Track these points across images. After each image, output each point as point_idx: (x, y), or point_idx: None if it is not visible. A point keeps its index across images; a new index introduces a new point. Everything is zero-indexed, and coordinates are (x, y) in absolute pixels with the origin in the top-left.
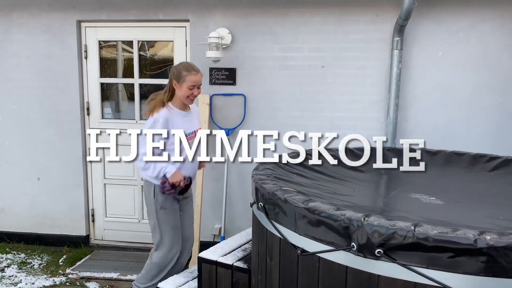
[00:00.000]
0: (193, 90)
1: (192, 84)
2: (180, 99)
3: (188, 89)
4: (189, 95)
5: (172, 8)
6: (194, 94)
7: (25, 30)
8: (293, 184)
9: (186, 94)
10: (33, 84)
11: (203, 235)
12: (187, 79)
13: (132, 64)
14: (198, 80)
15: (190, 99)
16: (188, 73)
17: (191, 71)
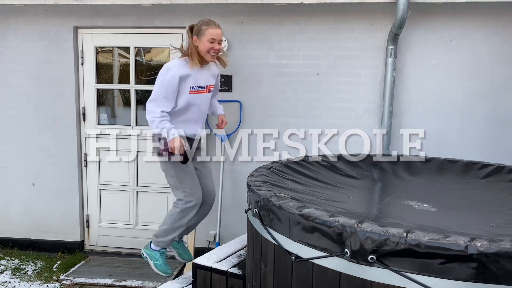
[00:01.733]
0: (213, 44)
1: (212, 37)
2: (202, 54)
3: (209, 42)
4: (209, 49)
5: (169, 15)
6: (215, 48)
7: (21, 36)
8: (288, 191)
9: (207, 47)
10: (29, 90)
11: (198, 241)
12: (207, 33)
13: (128, 69)
14: (218, 33)
15: (211, 54)
16: (207, 27)
17: (210, 24)
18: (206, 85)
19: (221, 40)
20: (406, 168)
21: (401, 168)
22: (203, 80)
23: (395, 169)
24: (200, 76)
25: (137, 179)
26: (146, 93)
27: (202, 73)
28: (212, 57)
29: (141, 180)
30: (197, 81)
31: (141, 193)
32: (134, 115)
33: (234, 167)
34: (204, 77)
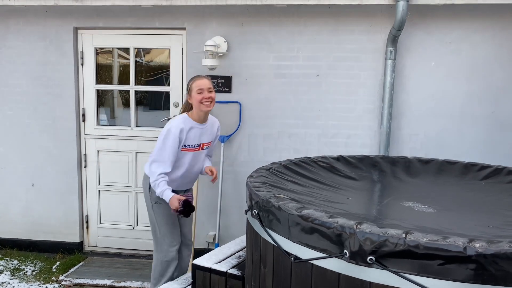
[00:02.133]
0: (203, 94)
1: (199, 87)
2: (197, 109)
3: (197, 94)
4: (200, 99)
5: (169, 16)
6: (205, 96)
7: (21, 37)
8: (287, 192)
9: (198, 99)
10: (29, 90)
11: (197, 242)
12: (194, 86)
13: (128, 70)
14: (204, 83)
15: (204, 104)
16: (193, 81)
17: (195, 78)
18: (199, 143)
19: (211, 88)
20: (405, 169)
21: (400, 170)
22: (197, 138)
23: (394, 171)
24: (195, 133)
25: (136, 179)
26: (146, 94)
27: (199, 131)
28: (207, 106)
29: (140, 181)
30: (191, 139)
31: (140, 194)
32: (134, 116)
33: (233, 168)
34: (199, 135)
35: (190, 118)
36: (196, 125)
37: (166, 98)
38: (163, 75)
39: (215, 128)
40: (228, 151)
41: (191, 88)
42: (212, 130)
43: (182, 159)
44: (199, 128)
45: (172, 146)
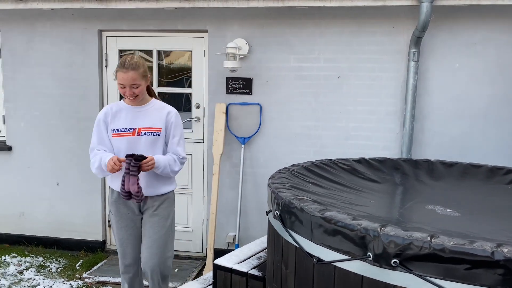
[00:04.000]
0: (124, 89)
1: (120, 82)
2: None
3: (120, 87)
4: (123, 93)
5: (191, 19)
6: (128, 93)
7: (48, 40)
8: (309, 193)
9: (120, 92)
10: (55, 92)
11: (218, 242)
12: (117, 76)
13: (150, 72)
14: (125, 78)
15: (128, 98)
16: (117, 69)
17: (120, 67)
18: (133, 127)
19: (135, 83)
20: (429, 172)
21: (423, 173)
22: (128, 121)
23: (417, 174)
24: (126, 115)
25: None
26: (167, 95)
27: (131, 113)
28: (131, 101)
29: None
30: (122, 122)
31: None
32: None
33: (253, 170)
34: (131, 117)
35: (122, 101)
36: (127, 107)
37: (186, 99)
38: (184, 77)
39: (163, 113)
40: (248, 153)
41: (115, 75)
42: (159, 114)
43: (116, 148)
44: (131, 110)
45: (98, 131)
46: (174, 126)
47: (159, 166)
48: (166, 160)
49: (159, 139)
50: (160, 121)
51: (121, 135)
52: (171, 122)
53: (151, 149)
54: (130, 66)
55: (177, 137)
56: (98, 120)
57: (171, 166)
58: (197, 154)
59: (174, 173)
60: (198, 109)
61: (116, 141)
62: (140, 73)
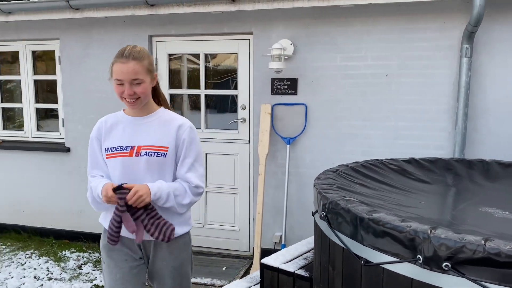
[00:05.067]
0: (122, 88)
1: (117, 77)
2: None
3: (116, 84)
4: (120, 94)
5: (237, 21)
6: (127, 92)
7: (102, 46)
8: (356, 194)
9: (117, 92)
10: (109, 96)
11: (264, 242)
12: (113, 70)
13: (196, 74)
14: (124, 71)
15: (126, 100)
16: (114, 60)
17: (118, 57)
18: (131, 145)
19: (138, 78)
20: (483, 173)
21: (477, 173)
22: (126, 137)
23: (471, 174)
24: (124, 130)
25: (206, 180)
26: (213, 97)
27: (130, 127)
28: (131, 104)
29: (210, 181)
30: (117, 138)
31: (209, 194)
32: (204, 118)
33: (298, 170)
34: (130, 132)
35: (121, 112)
36: (125, 119)
37: (232, 100)
38: (229, 78)
39: (172, 126)
40: (293, 153)
41: (111, 70)
42: (167, 128)
43: (111, 173)
44: (130, 123)
45: (90, 151)
46: (187, 144)
47: (160, 196)
48: (170, 188)
49: (165, 162)
50: (167, 138)
51: (115, 155)
52: (183, 139)
53: (155, 175)
54: (131, 55)
55: (189, 159)
56: (91, 138)
57: (178, 198)
58: (243, 154)
59: (183, 208)
60: (243, 110)
61: (110, 164)
62: (144, 65)
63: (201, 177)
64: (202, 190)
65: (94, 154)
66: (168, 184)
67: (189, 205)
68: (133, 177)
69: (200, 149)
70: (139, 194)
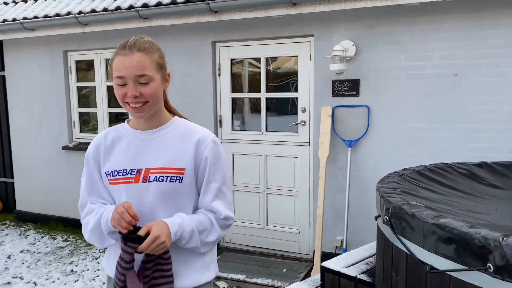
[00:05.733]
0: (124, 90)
1: (118, 74)
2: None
3: (116, 85)
4: (121, 96)
5: (298, 24)
6: (128, 94)
7: (169, 53)
8: (421, 199)
9: (117, 95)
10: (174, 100)
11: (325, 246)
12: (113, 66)
13: (256, 78)
14: (126, 65)
15: (130, 106)
16: (114, 54)
17: (120, 48)
18: (136, 168)
19: (143, 76)
20: None
21: None
22: (129, 158)
23: None
24: (128, 148)
25: (266, 181)
26: (273, 100)
27: (136, 143)
28: (135, 110)
29: (270, 183)
30: (120, 159)
31: (270, 195)
32: (264, 121)
33: (360, 173)
34: (135, 151)
35: (126, 123)
36: (130, 133)
37: (292, 103)
38: (289, 81)
39: (191, 141)
40: (354, 156)
41: (111, 65)
42: (184, 144)
43: (115, 198)
44: (136, 138)
45: (87, 173)
46: (211, 164)
47: (182, 236)
48: (194, 223)
49: (182, 189)
50: (184, 156)
51: (118, 182)
52: (205, 158)
53: (169, 207)
54: (137, 46)
55: (215, 184)
56: (86, 157)
57: (203, 235)
58: (303, 157)
59: (207, 246)
60: (304, 113)
61: (113, 193)
62: (154, 59)
63: (230, 205)
64: (231, 222)
65: (91, 177)
66: (191, 217)
67: (214, 243)
68: (141, 210)
69: (227, 168)
70: (160, 240)
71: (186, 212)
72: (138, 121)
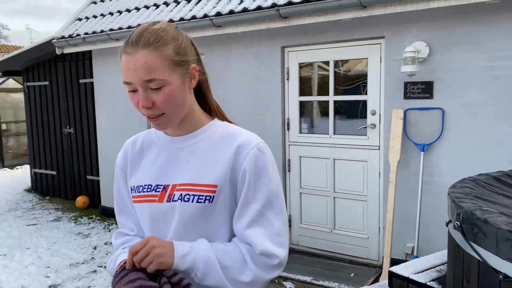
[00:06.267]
0: (137, 96)
1: (124, 79)
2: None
3: (128, 92)
4: (135, 106)
5: (368, 26)
6: (141, 103)
7: (239, 59)
8: (497, 205)
9: (132, 103)
10: (244, 104)
11: (395, 252)
12: (122, 63)
13: (325, 81)
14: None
15: (147, 114)
16: (121, 50)
17: (124, 46)
18: (166, 184)
19: (152, 80)
20: None
21: None
22: (155, 170)
23: None
24: (156, 157)
25: (334, 185)
26: (343, 103)
27: (166, 152)
28: (152, 122)
29: (338, 186)
30: (147, 171)
31: (338, 199)
32: (332, 124)
33: (433, 178)
34: (165, 161)
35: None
36: (162, 139)
37: (363, 106)
38: (360, 84)
39: (228, 150)
40: (427, 160)
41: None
42: (220, 155)
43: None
44: (167, 146)
45: (116, 186)
46: (250, 177)
47: (194, 264)
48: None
49: (213, 212)
50: (218, 168)
51: (141, 200)
52: (243, 169)
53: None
54: (141, 41)
55: (256, 205)
56: (115, 166)
57: (230, 272)
58: (372, 161)
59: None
60: (373, 116)
61: (138, 212)
62: (165, 55)
63: (277, 237)
64: (278, 261)
65: (119, 192)
66: (214, 246)
67: (253, 285)
68: (165, 238)
69: (276, 185)
70: (154, 249)
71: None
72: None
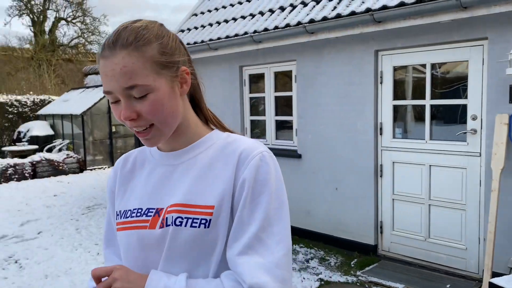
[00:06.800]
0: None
1: (103, 89)
2: None
3: (110, 102)
4: (117, 118)
5: (468, 28)
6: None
7: (331, 63)
8: None
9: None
10: (336, 108)
11: (496, 266)
12: (99, 70)
13: (421, 84)
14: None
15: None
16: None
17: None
18: (160, 208)
19: (133, 87)
20: None
21: None
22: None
23: None
24: (146, 177)
25: (429, 192)
26: (440, 107)
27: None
28: (140, 136)
29: (433, 194)
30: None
31: (433, 207)
32: (429, 129)
33: None
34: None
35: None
36: (155, 156)
37: (462, 110)
38: (459, 87)
39: (228, 164)
40: None
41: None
42: (219, 170)
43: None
44: (160, 164)
45: (107, 212)
46: (248, 192)
47: None
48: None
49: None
50: (216, 186)
51: (129, 226)
52: (242, 180)
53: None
54: (119, 42)
55: (252, 227)
56: (107, 189)
57: None
58: (472, 168)
59: None
60: (474, 121)
61: (122, 242)
62: (149, 57)
63: (275, 269)
64: None
65: (108, 219)
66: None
67: None
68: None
69: (279, 205)
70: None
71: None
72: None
